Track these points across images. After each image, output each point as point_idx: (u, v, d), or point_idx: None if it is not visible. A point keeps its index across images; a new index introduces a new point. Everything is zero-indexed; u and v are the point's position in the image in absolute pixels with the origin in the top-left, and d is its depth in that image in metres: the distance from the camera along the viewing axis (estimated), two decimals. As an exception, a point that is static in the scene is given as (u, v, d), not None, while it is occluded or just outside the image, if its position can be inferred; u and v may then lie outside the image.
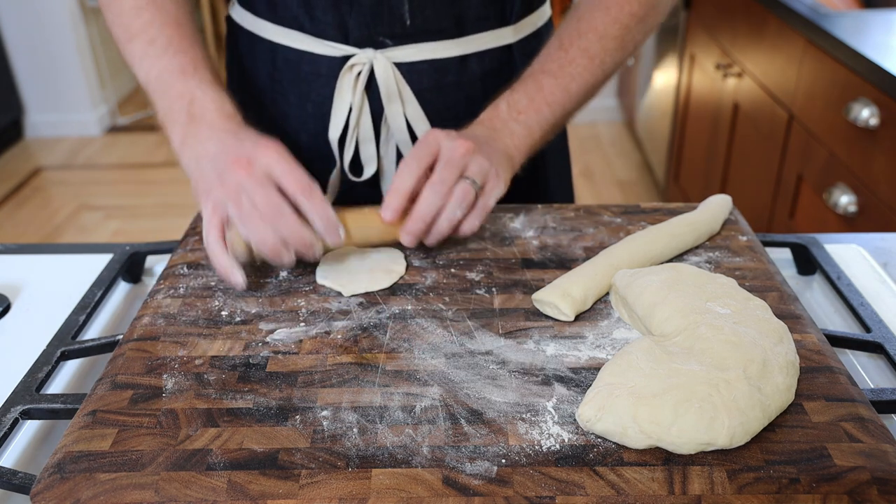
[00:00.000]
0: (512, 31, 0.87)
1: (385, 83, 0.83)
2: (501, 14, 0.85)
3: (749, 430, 0.50)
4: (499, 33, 0.86)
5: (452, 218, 0.69)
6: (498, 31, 0.86)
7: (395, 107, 0.85)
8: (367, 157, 0.89)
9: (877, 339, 0.64)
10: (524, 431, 0.51)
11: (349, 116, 0.86)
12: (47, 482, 0.48)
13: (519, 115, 0.76)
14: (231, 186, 0.65)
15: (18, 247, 0.85)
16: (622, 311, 0.64)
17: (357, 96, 0.84)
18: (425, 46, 0.83)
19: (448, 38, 0.83)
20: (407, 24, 0.81)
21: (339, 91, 0.85)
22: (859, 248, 0.81)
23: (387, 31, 0.82)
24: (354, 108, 0.85)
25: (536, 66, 0.80)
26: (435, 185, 0.68)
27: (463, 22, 0.83)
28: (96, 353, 0.66)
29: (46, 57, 3.56)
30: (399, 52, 0.83)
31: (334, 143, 0.87)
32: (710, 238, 0.75)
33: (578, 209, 0.81)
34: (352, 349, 0.60)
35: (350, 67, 0.83)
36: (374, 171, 0.89)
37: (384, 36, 0.82)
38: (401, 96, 0.84)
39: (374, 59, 0.82)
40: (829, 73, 1.52)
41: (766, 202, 1.86)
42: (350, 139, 0.87)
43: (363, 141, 0.88)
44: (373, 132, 0.87)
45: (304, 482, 0.48)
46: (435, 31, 0.83)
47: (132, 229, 2.94)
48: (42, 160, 3.52)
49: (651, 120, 3.05)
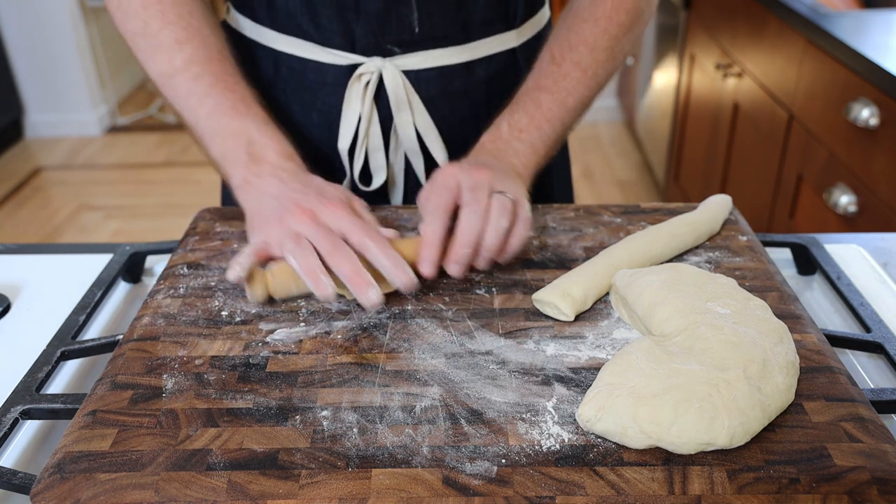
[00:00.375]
0: (516, 35, 0.87)
1: (394, 92, 0.83)
2: (506, 18, 0.85)
3: (749, 431, 0.50)
4: (503, 37, 0.86)
5: (499, 229, 0.65)
6: (503, 36, 0.86)
7: (404, 115, 0.84)
8: (377, 166, 0.88)
9: (877, 339, 0.64)
10: (524, 431, 0.51)
11: (358, 126, 0.85)
12: (47, 482, 0.48)
13: (521, 133, 0.76)
14: (292, 230, 0.63)
15: (18, 247, 0.85)
16: (622, 311, 0.64)
17: (366, 106, 0.83)
18: (433, 53, 0.83)
19: (455, 44, 0.83)
20: (416, 31, 0.81)
21: (348, 101, 0.84)
22: (859, 248, 0.81)
23: (394, 38, 0.81)
24: (364, 117, 0.84)
25: (531, 82, 0.80)
26: (470, 206, 0.65)
27: (469, 27, 0.83)
28: (96, 353, 0.66)
29: (46, 57, 3.56)
30: (407, 59, 0.82)
31: (344, 153, 0.86)
32: (710, 238, 0.75)
33: (578, 209, 0.81)
34: (352, 349, 0.60)
35: (359, 77, 0.83)
36: (384, 181, 0.89)
37: (391, 44, 0.82)
38: (410, 104, 0.84)
39: (383, 67, 0.82)
40: (829, 73, 1.52)
41: (766, 202, 1.86)
42: (360, 149, 0.86)
43: (372, 150, 0.87)
44: (382, 141, 0.87)
45: (304, 482, 0.48)
46: (442, 37, 0.82)
47: (132, 229, 2.94)
48: (42, 160, 3.52)
49: (651, 120, 3.05)
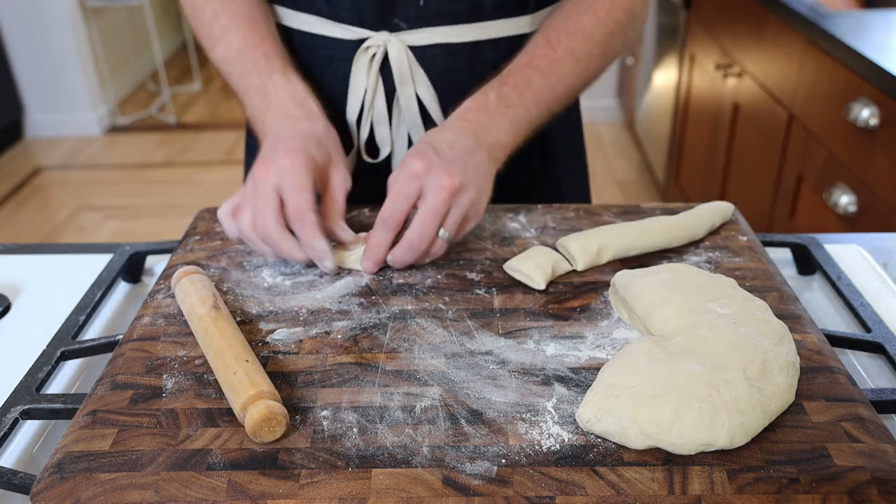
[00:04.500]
0: (529, 21, 0.87)
1: (398, 67, 0.85)
2: (519, 2, 0.85)
3: (749, 431, 0.50)
4: (515, 22, 0.86)
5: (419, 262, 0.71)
6: (514, 20, 0.86)
7: (407, 89, 0.86)
8: (382, 139, 0.91)
9: (877, 339, 0.64)
10: (524, 431, 0.51)
11: (364, 98, 0.87)
12: (47, 482, 0.48)
13: (507, 109, 0.76)
14: (249, 187, 0.69)
15: (18, 247, 0.85)
16: (622, 311, 0.64)
17: (371, 78, 0.86)
18: (439, 30, 0.84)
19: (463, 22, 0.84)
20: (421, 5, 0.82)
21: (355, 73, 0.87)
22: (859, 248, 0.81)
23: (401, 13, 0.83)
24: (369, 89, 0.87)
25: (524, 59, 0.80)
26: (412, 243, 0.68)
27: (480, 7, 0.83)
28: (96, 353, 0.66)
29: (46, 57, 3.56)
30: (413, 35, 0.84)
31: (352, 123, 0.89)
32: (711, 238, 0.75)
33: (578, 209, 0.81)
34: (352, 349, 0.60)
35: (365, 49, 0.85)
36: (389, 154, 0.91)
37: (399, 19, 0.83)
38: (413, 79, 0.86)
39: (389, 41, 0.84)
40: (829, 73, 1.52)
41: (766, 202, 1.86)
42: (365, 120, 0.89)
43: (377, 123, 0.89)
44: (387, 114, 0.89)
45: (304, 482, 0.48)
46: (449, 14, 0.83)
47: (132, 229, 2.94)
48: (42, 160, 3.52)
49: (651, 120, 3.05)
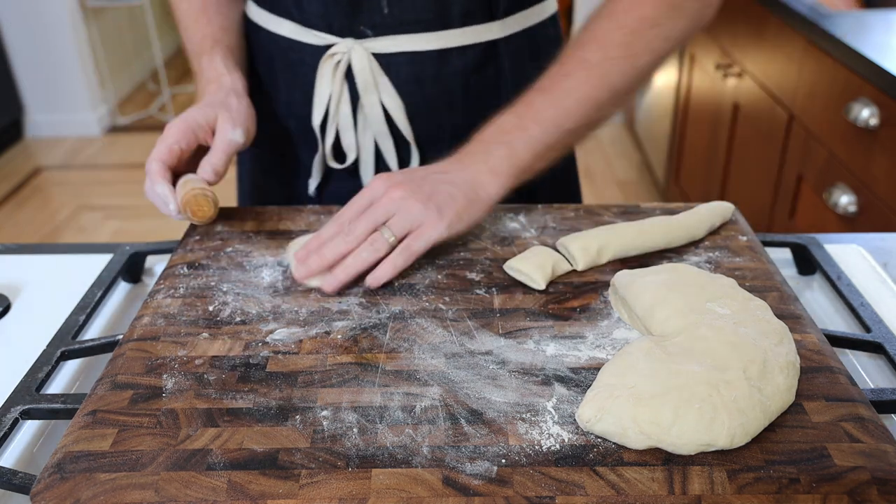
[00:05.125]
0: (499, 27, 0.85)
1: (361, 73, 0.85)
2: (488, 8, 0.84)
3: (749, 431, 0.50)
4: (483, 28, 0.85)
5: (358, 261, 0.67)
6: (482, 27, 0.85)
7: (370, 97, 0.86)
8: (348, 144, 0.91)
9: (877, 339, 0.64)
10: (524, 431, 0.51)
11: (328, 104, 0.88)
12: (47, 482, 0.48)
13: (503, 135, 0.73)
14: None
15: (18, 247, 0.85)
16: (622, 311, 0.64)
17: (336, 85, 0.86)
18: (403, 38, 0.83)
19: (428, 30, 0.83)
20: (385, 12, 0.82)
21: (320, 78, 0.87)
22: (859, 248, 0.81)
23: (367, 21, 0.83)
24: (333, 96, 0.87)
25: (534, 84, 0.77)
26: (344, 233, 0.68)
27: (446, 15, 0.82)
28: (96, 353, 0.66)
29: (46, 57, 3.55)
30: (377, 43, 0.84)
31: (317, 129, 0.90)
32: (711, 238, 0.75)
33: (578, 209, 0.81)
34: (352, 349, 0.60)
35: (330, 56, 0.85)
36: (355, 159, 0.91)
37: (365, 26, 0.83)
38: (377, 87, 0.85)
39: (353, 49, 0.84)
40: (829, 73, 1.52)
41: (766, 202, 1.86)
42: (330, 126, 0.89)
43: (343, 129, 0.89)
44: (352, 121, 0.89)
45: (304, 482, 0.48)
46: (414, 22, 0.83)
47: (132, 229, 2.94)
48: (42, 160, 3.52)
49: (651, 120, 3.05)
